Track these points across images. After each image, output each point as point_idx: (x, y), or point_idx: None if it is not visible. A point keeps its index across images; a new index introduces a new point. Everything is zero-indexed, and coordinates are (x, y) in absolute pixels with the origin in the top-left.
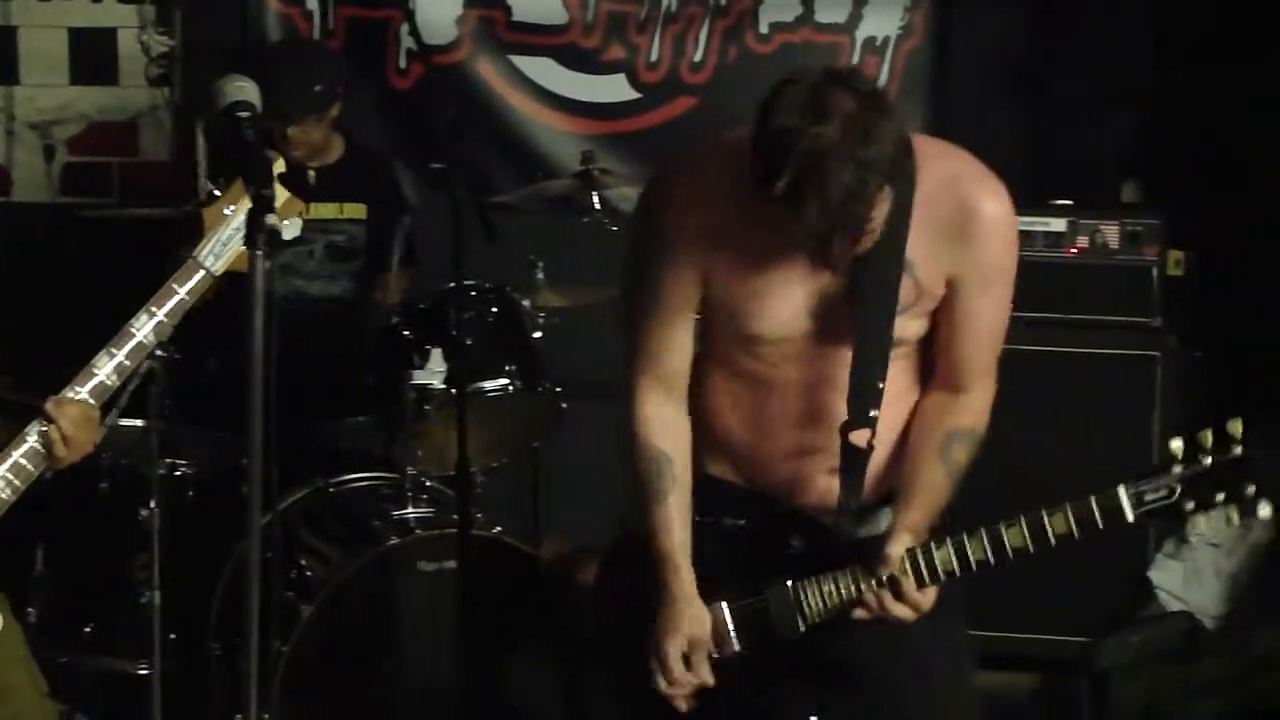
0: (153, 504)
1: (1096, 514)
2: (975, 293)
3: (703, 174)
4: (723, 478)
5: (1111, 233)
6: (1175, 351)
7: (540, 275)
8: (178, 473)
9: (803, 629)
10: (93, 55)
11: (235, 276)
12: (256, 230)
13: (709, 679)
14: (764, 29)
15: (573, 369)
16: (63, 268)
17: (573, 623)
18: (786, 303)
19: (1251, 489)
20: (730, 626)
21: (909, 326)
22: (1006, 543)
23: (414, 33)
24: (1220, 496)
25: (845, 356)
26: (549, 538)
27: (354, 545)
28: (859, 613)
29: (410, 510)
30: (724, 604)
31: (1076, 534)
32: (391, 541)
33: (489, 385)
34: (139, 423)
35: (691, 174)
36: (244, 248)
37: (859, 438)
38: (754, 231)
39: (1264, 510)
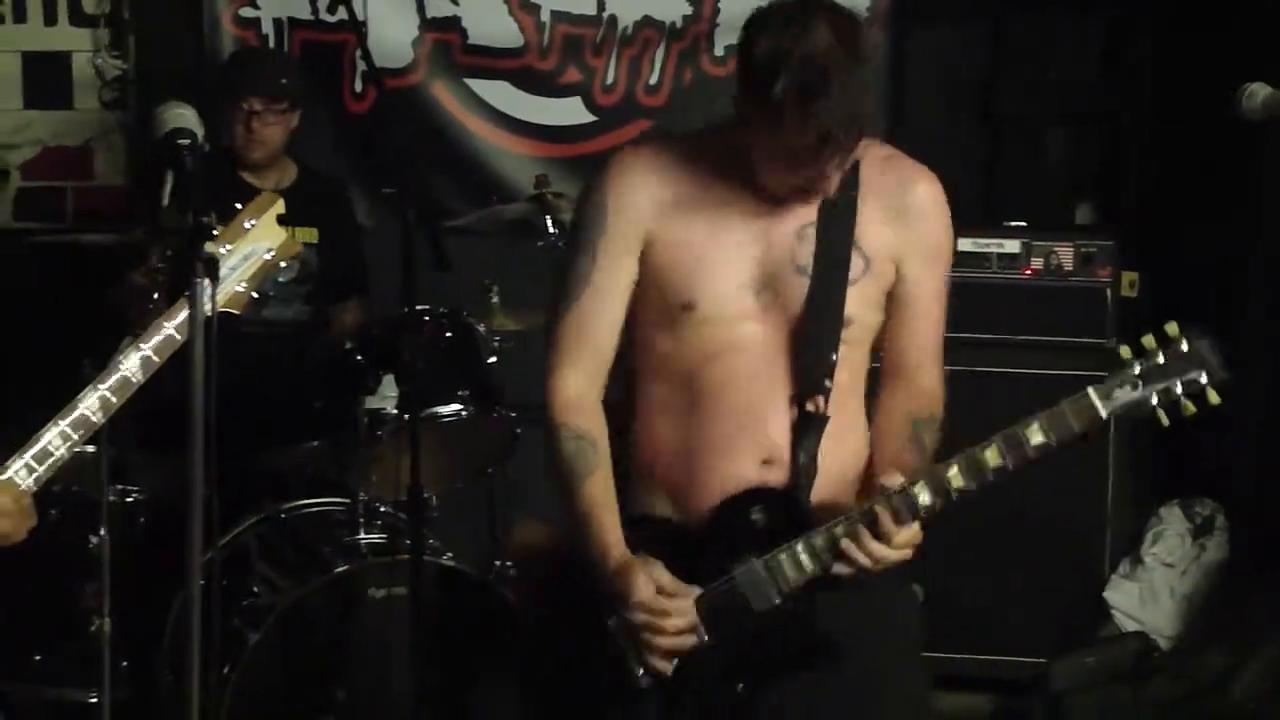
0: (102, 531)
1: (1070, 417)
2: (921, 272)
3: (653, 148)
4: (658, 515)
5: (1066, 254)
6: None
7: (495, 299)
8: (129, 498)
9: (778, 601)
10: (47, 79)
11: None
12: (195, 258)
13: (694, 615)
14: (719, 51)
15: (528, 393)
16: (17, 294)
17: (530, 649)
18: (731, 271)
19: (1204, 377)
20: (698, 619)
21: (857, 303)
22: (986, 463)
23: (365, 56)
24: (1178, 388)
25: (787, 343)
26: (523, 523)
27: (305, 572)
28: (839, 568)
29: (362, 536)
30: None
31: (1054, 442)
32: (340, 567)
33: (443, 410)
34: (90, 448)
35: (641, 148)
36: (239, 289)
37: (814, 404)
38: (703, 199)
39: (1213, 398)
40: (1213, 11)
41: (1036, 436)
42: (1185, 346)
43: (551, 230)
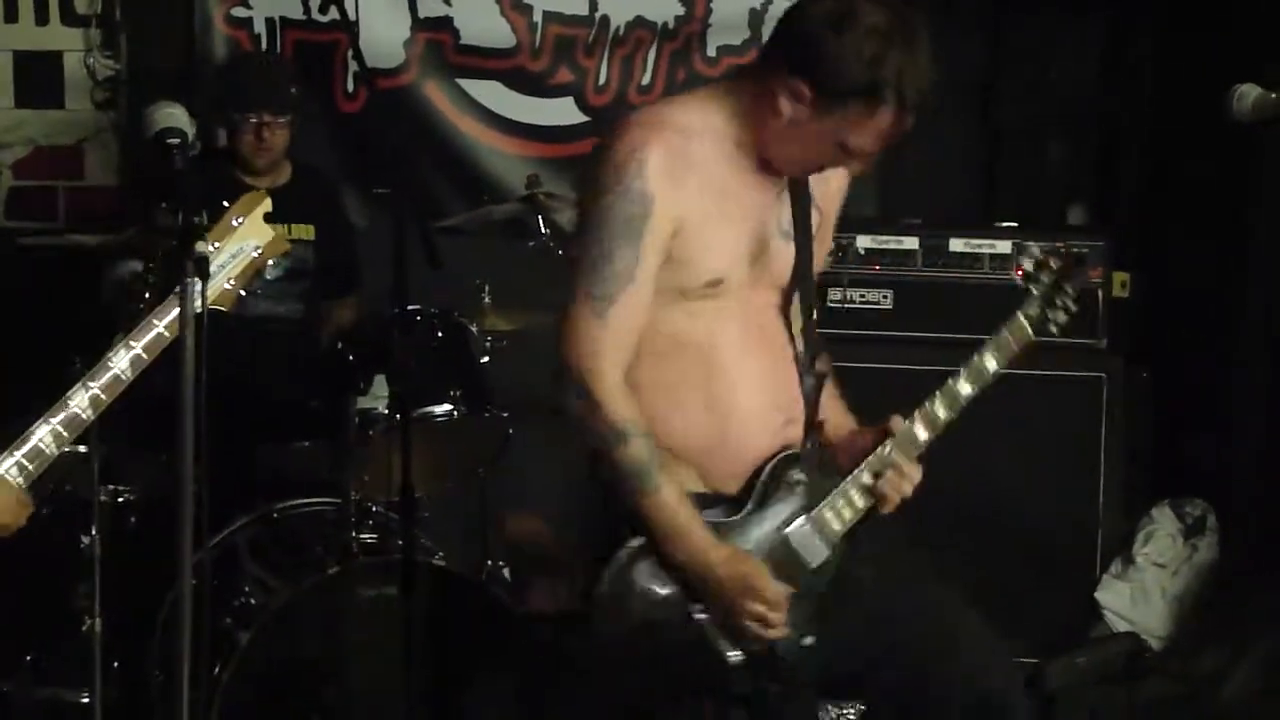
0: (94, 531)
1: (1011, 341)
2: (835, 216)
3: (670, 129)
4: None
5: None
6: (1122, 372)
7: (487, 299)
8: (120, 498)
9: (828, 553)
10: (38, 78)
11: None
12: (185, 257)
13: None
14: (711, 52)
15: (520, 393)
16: (8, 294)
17: (528, 649)
18: (739, 245)
19: (1072, 293)
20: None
21: (816, 253)
22: (959, 393)
23: (357, 56)
24: (1059, 303)
25: (774, 299)
26: (516, 514)
27: (296, 572)
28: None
29: (354, 536)
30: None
31: (1001, 364)
32: (332, 568)
33: (435, 410)
34: (80, 448)
35: (658, 131)
36: (227, 286)
37: (824, 362)
38: (716, 178)
39: (1072, 306)
40: (1212, 12)
41: (991, 362)
42: (1055, 265)
43: (543, 230)
